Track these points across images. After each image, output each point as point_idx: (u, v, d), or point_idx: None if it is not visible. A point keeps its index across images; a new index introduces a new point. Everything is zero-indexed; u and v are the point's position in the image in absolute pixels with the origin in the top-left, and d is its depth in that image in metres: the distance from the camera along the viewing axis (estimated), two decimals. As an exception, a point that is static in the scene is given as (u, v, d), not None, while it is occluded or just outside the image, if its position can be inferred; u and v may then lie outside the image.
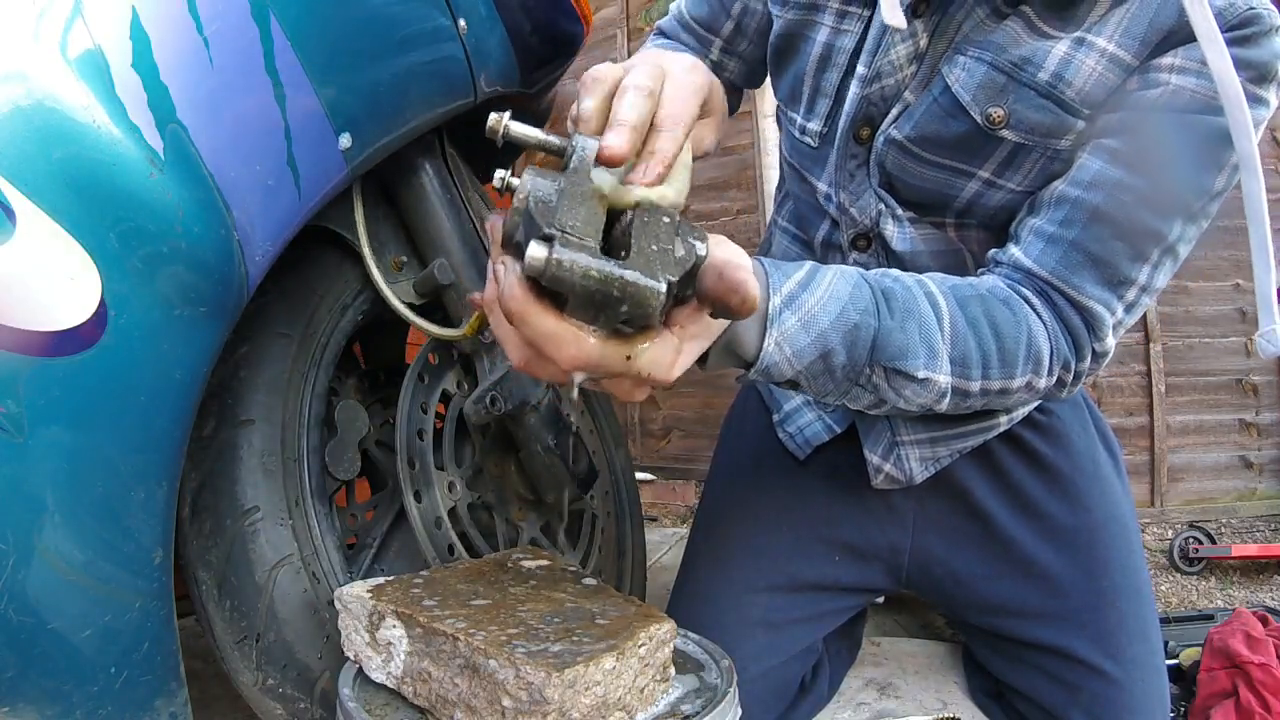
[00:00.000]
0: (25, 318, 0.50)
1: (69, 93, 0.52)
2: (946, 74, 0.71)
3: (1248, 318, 2.58)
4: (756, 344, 0.57)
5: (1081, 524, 0.88)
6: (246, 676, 0.72)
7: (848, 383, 0.62)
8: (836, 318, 0.59)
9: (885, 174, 0.78)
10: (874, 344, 0.60)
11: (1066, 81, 0.68)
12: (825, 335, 0.58)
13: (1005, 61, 0.69)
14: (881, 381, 0.62)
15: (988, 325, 0.64)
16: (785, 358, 0.58)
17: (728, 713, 0.55)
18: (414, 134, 0.80)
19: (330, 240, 0.85)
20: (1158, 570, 2.26)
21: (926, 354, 0.61)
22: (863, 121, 0.77)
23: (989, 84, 0.70)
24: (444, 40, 0.82)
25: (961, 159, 0.73)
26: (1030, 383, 0.66)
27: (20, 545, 0.51)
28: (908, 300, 0.62)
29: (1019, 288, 0.68)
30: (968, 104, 0.70)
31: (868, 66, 0.75)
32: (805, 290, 0.58)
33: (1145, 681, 0.84)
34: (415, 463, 0.87)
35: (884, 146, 0.76)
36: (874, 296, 0.61)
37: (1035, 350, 0.65)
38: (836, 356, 0.59)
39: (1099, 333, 0.68)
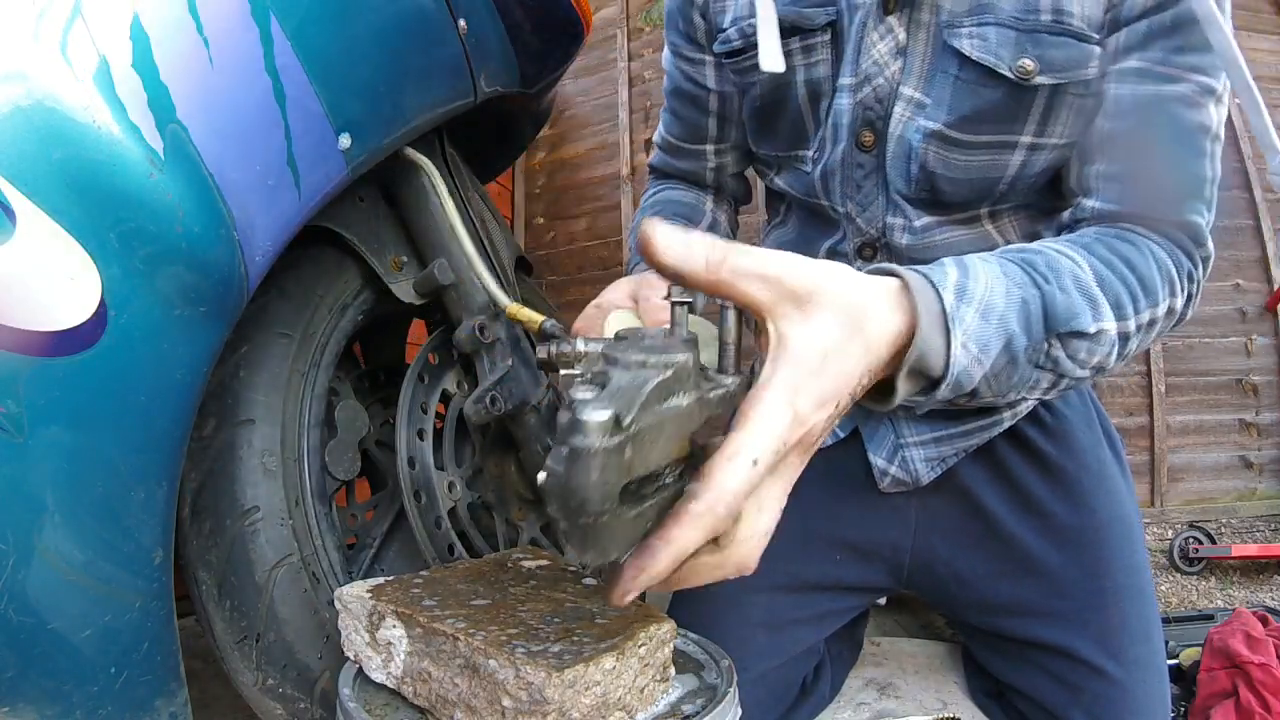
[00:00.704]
0: (25, 318, 0.50)
1: (69, 93, 0.52)
2: (959, 47, 0.71)
3: (1248, 318, 2.58)
4: (944, 351, 0.51)
5: (1085, 524, 0.87)
6: (246, 676, 0.72)
7: (1029, 366, 0.58)
8: (1007, 295, 0.55)
9: (928, 175, 0.76)
10: (1046, 313, 0.57)
11: (1068, 13, 0.68)
12: (1005, 319, 0.55)
13: (1007, 17, 0.69)
14: (1060, 353, 0.59)
15: (1121, 262, 0.63)
16: (973, 358, 0.53)
17: (728, 713, 0.55)
18: (414, 134, 0.81)
19: (330, 240, 0.85)
20: (1158, 570, 2.26)
21: (1090, 307, 0.59)
22: (863, 127, 0.77)
23: (1005, 41, 0.70)
24: (444, 40, 0.82)
25: (1004, 129, 0.73)
26: (1170, 306, 0.66)
27: (20, 545, 0.51)
28: (1051, 262, 0.59)
29: (1119, 226, 0.68)
30: (995, 65, 0.70)
31: (853, 75, 0.76)
32: (968, 277, 0.54)
33: (1147, 683, 0.83)
34: (415, 463, 0.87)
35: (922, 144, 0.75)
36: (1024, 270, 0.58)
37: (1167, 272, 0.65)
38: (1018, 340, 0.56)
39: (1200, 238, 0.68)
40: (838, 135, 0.79)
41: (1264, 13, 2.79)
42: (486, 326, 0.91)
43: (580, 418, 0.33)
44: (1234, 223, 2.58)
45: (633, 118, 3.06)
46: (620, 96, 3.06)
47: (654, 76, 3.01)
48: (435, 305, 0.93)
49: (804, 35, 0.77)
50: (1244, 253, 2.60)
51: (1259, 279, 2.59)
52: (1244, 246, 2.59)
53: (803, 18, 0.77)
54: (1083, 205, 0.71)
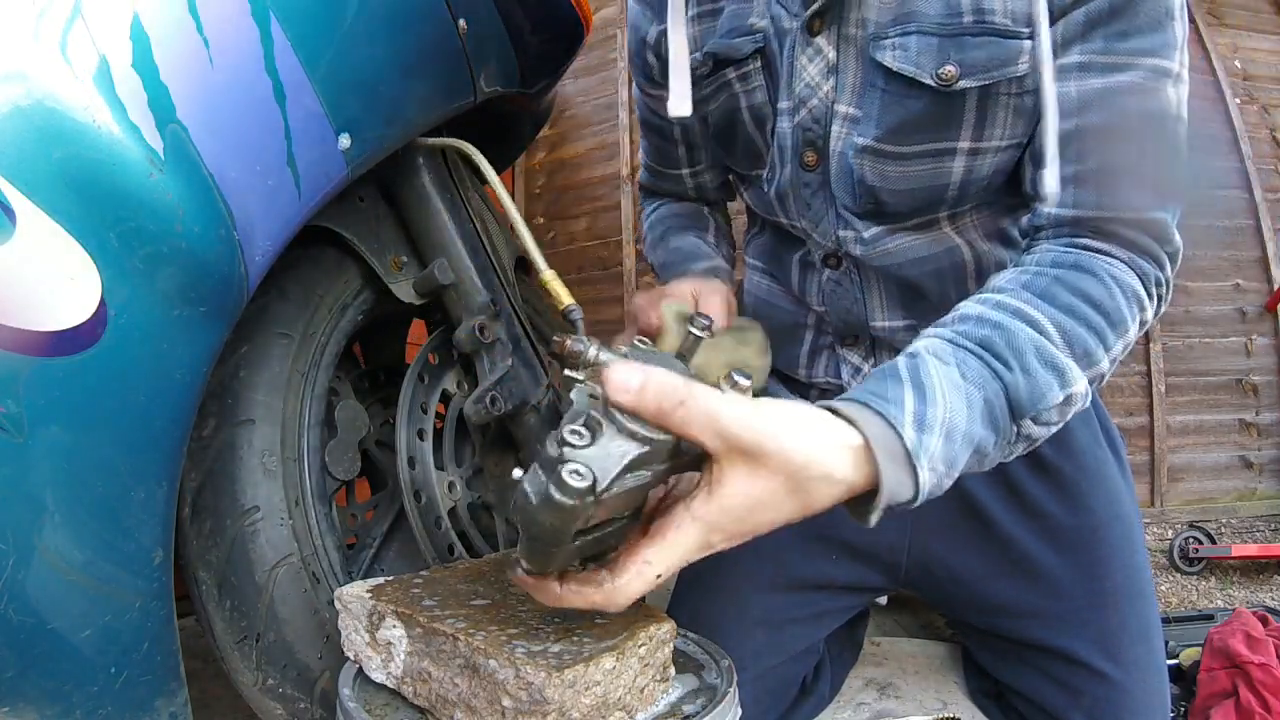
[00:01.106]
0: (25, 318, 0.50)
1: (69, 93, 0.52)
2: (881, 59, 0.70)
3: (1247, 318, 2.58)
4: (913, 486, 0.52)
5: (1083, 524, 0.87)
6: (246, 676, 0.72)
7: (1000, 453, 0.59)
8: (969, 409, 0.54)
9: (868, 189, 0.76)
10: (1011, 405, 0.56)
11: (989, 10, 0.67)
12: (969, 434, 0.54)
13: (929, 24, 0.68)
14: (1031, 429, 0.58)
15: (1082, 303, 0.61)
16: (942, 475, 0.53)
17: (727, 713, 0.55)
18: (414, 134, 0.81)
19: (330, 240, 0.85)
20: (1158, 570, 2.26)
21: (1057, 379, 0.58)
22: (805, 147, 0.78)
23: (926, 49, 0.68)
24: (444, 40, 0.82)
25: (936, 136, 0.72)
26: (1141, 320, 0.65)
27: (20, 545, 0.51)
28: (1010, 338, 0.58)
29: (1077, 240, 0.66)
30: (916, 74, 0.69)
31: (789, 98, 0.77)
32: (927, 404, 0.53)
33: (1146, 683, 0.83)
34: (415, 463, 0.87)
35: (856, 159, 0.75)
36: (982, 361, 0.57)
37: (1131, 293, 0.63)
38: (986, 442, 0.56)
39: (1165, 235, 0.65)
40: (783, 157, 0.81)
41: (1264, 13, 2.79)
42: (486, 326, 0.91)
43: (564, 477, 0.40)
44: (1234, 223, 2.58)
45: (633, 118, 3.05)
46: (620, 96, 3.06)
47: (654, 76, 3.01)
48: (435, 305, 0.93)
49: (737, 65, 0.80)
50: (1244, 253, 2.59)
51: (1259, 279, 2.59)
52: (1244, 246, 2.59)
53: (731, 48, 0.79)
54: (1039, 211, 0.68)
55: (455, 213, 0.92)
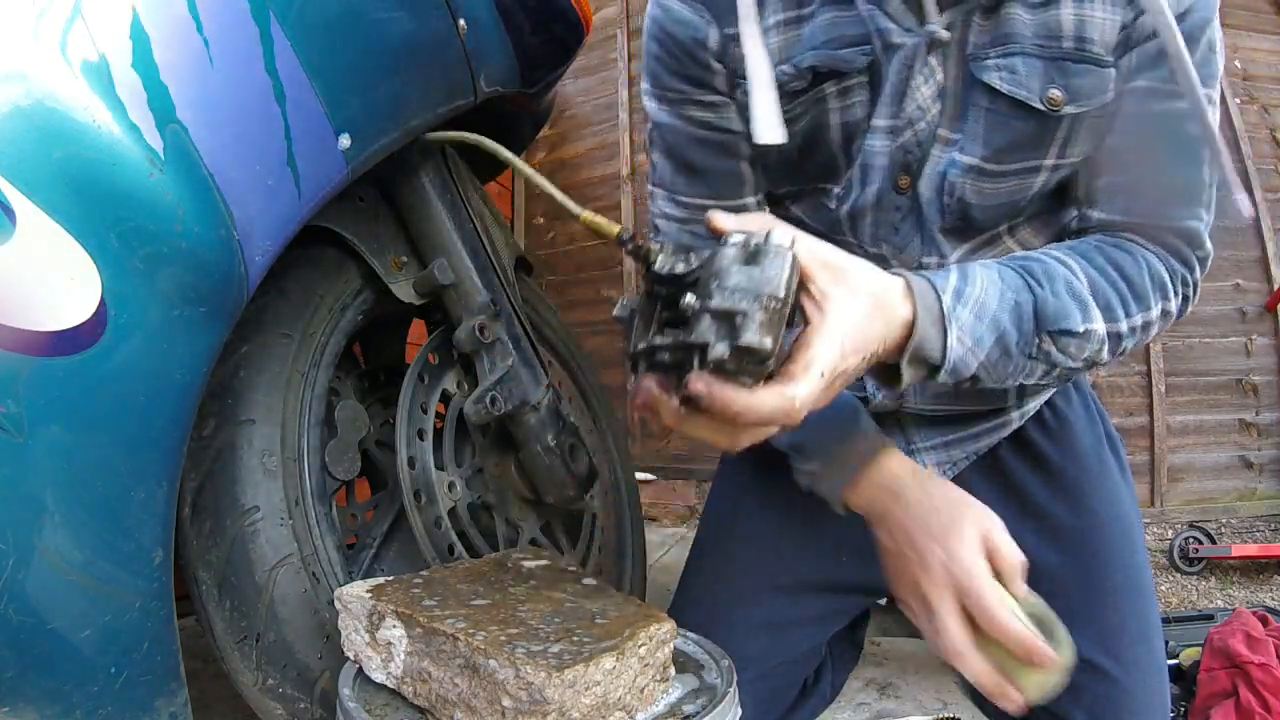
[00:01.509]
0: (25, 318, 0.50)
1: (69, 93, 0.52)
2: (986, 79, 0.71)
3: (1247, 318, 2.58)
4: (940, 344, 0.62)
5: (1085, 524, 0.87)
6: (246, 676, 0.72)
7: (1023, 358, 0.67)
8: (1000, 299, 0.64)
9: (964, 206, 0.76)
10: (1036, 314, 0.65)
11: (1089, 39, 0.69)
12: (997, 319, 0.64)
13: (1032, 46, 0.69)
14: (1051, 348, 0.67)
15: (1114, 269, 0.69)
16: (968, 350, 0.63)
17: (728, 713, 0.55)
18: (414, 134, 0.81)
19: (330, 240, 0.85)
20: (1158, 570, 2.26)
21: (1080, 309, 0.66)
22: (900, 171, 0.76)
23: (1033, 72, 0.70)
24: (444, 41, 0.82)
25: (1032, 155, 0.74)
26: (1164, 309, 0.72)
27: (20, 545, 0.51)
28: (1047, 268, 0.67)
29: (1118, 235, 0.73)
30: (1026, 98, 0.70)
31: (894, 118, 0.74)
32: (966, 283, 0.64)
33: (1146, 682, 0.83)
34: (415, 463, 0.87)
35: (958, 178, 0.75)
36: (1019, 274, 0.66)
37: (1159, 279, 0.71)
38: (1009, 336, 0.65)
39: (1197, 242, 0.72)
40: (868, 177, 0.76)
41: (1264, 13, 2.79)
42: (486, 326, 0.91)
43: None
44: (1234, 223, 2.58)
45: (633, 118, 3.06)
46: (620, 96, 3.07)
47: (654, 76, 3.00)
48: (435, 305, 0.93)
49: (840, 79, 0.74)
50: (1244, 253, 2.60)
51: (1259, 279, 2.59)
52: (1244, 246, 2.59)
53: (841, 61, 0.73)
54: (1087, 215, 0.75)
55: (455, 213, 0.92)
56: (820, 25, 0.73)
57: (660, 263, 0.51)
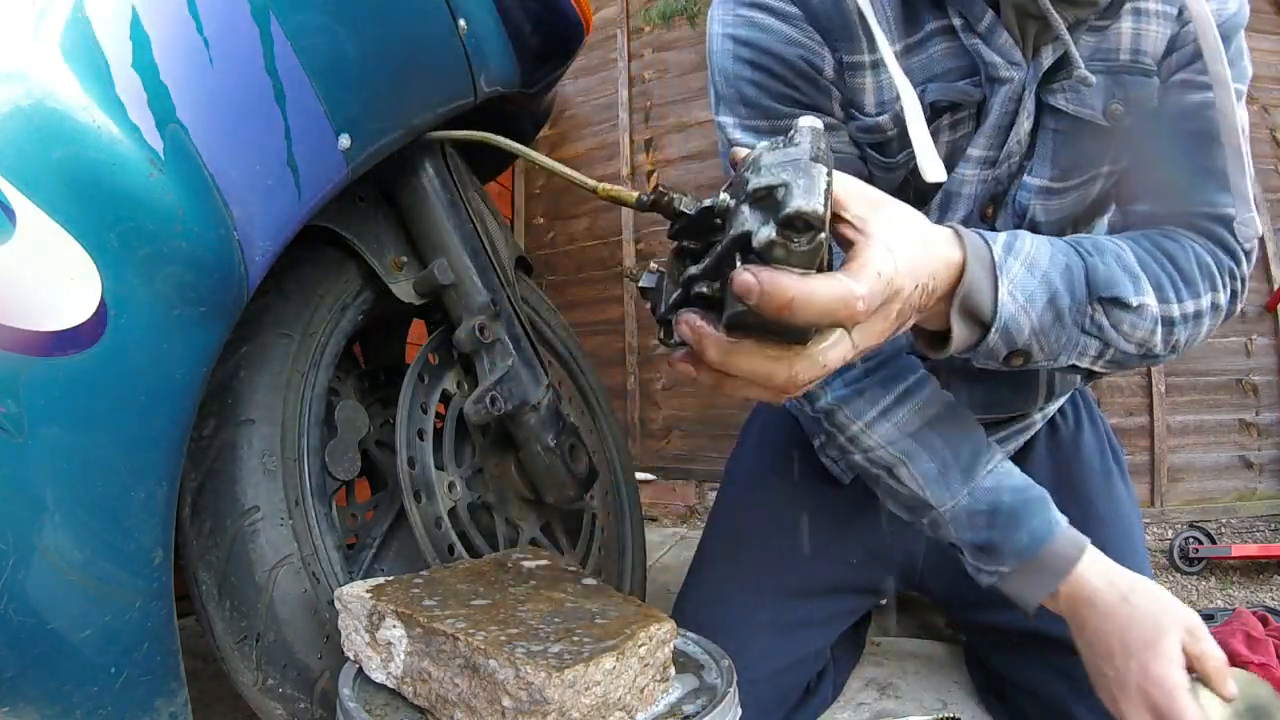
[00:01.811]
0: (25, 318, 0.50)
1: (69, 93, 0.52)
2: (1054, 103, 0.73)
3: (1248, 318, 2.58)
4: (991, 294, 0.59)
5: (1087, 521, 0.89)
6: (246, 676, 0.72)
7: (1075, 329, 0.64)
8: (1051, 258, 0.62)
9: (1032, 226, 0.77)
10: (1088, 279, 0.63)
11: (1143, 52, 0.72)
12: (1049, 276, 0.62)
13: (1093, 64, 0.71)
14: (1104, 319, 0.65)
15: (1161, 253, 0.69)
16: (1020, 306, 0.60)
17: (728, 713, 0.55)
18: (414, 134, 0.81)
19: (330, 240, 0.85)
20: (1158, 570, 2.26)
21: (1131, 281, 0.65)
22: (987, 202, 0.77)
23: (1096, 90, 0.72)
24: (444, 40, 0.82)
25: (1092, 167, 0.76)
26: (1214, 301, 0.71)
27: (20, 545, 0.51)
28: (1096, 242, 0.66)
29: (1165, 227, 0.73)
30: (1092, 116, 0.73)
31: (991, 149, 0.74)
32: (1016, 239, 0.62)
33: None
34: (415, 463, 0.87)
35: (1028, 199, 0.76)
36: (1067, 243, 0.65)
37: (1206, 267, 0.70)
38: (1062, 299, 0.62)
39: (1240, 232, 0.72)
40: (952, 204, 0.77)
41: (1264, 13, 2.79)
42: (486, 326, 0.91)
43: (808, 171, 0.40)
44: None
45: (633, 118, 3.05)
46: (620, 96, 3.06)
47: (654, 76, 3.01)
48: (435, 305, 0.93)
49: (955, 111, 0.74)
50: (1244, 253, 2.60)
51: (1259, 279, 2.59)
52: (1244, 246, 2.59)
53: (960, 94, 0.73)
54: (1131, 210, 0.76)
55: (455, 213, 0.92)
56: (934, 56, 0.72)
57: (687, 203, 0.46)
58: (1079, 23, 0.69)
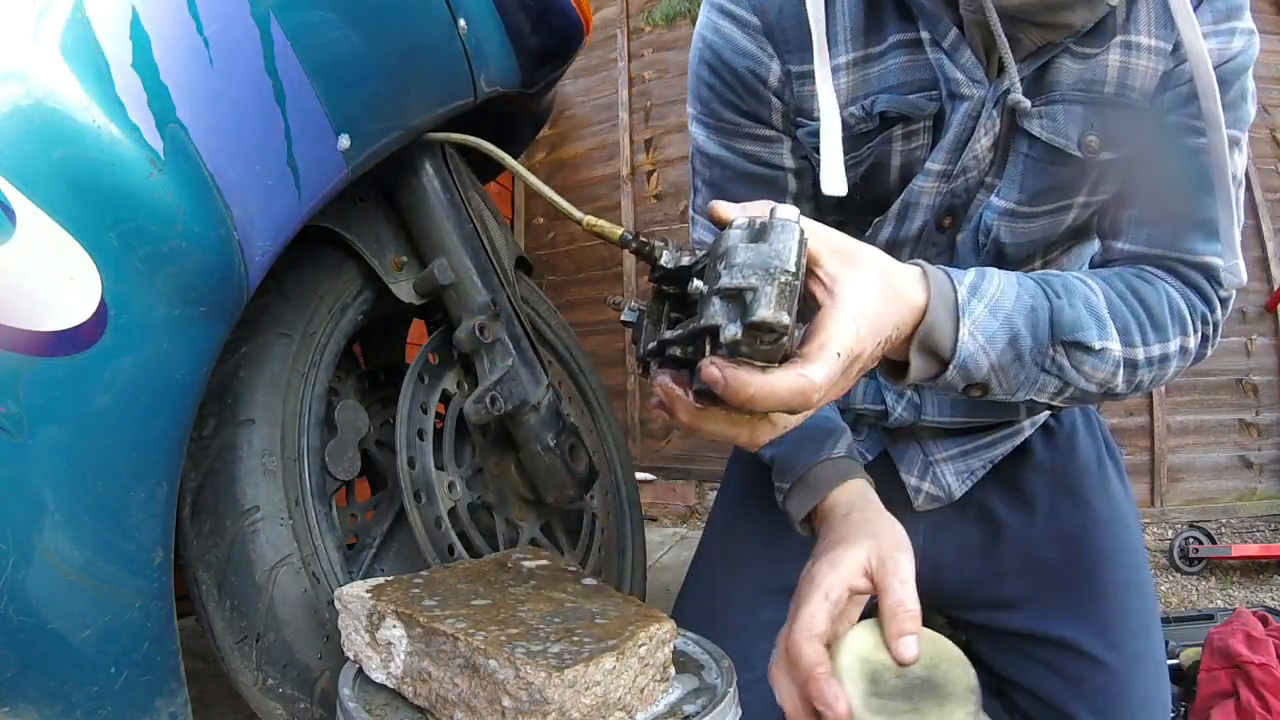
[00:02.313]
0: (25, 318, 0.50)
1: (69, 93, 0.52)
2: (1028, 128, 0.72)
3: (1248, 318, 2.58)
4: (952, 334, 0.60)
5: (1085, 520, 0.90)
6: (246, 676, 0.72)
7: (1035, 368, 0.65)
8: (1016, 301, 0.63)
9: (998, 246, 0.79)
10: (1052, 322, 0.64)
11: (1130, 86, 0.71)
12: (1011, 319, 0.62)
13: (1074, 94, 0.71)
14: (1064, 360, 0.65)
15: (1133, 296, 0.69)
16: (980, 346, 0.61)
17: (728, 713, 0.55)
18: (414, 134, 0.81)
19: (330, 240, 0.85)
20: (1158, 570, 2.26)
21: (1097, 325, 0.65)
22: (944, 213, 0.78)
23: (1073, 119, 0.71)
24: (444, 40, 0.82)
25: (1064, 196, 0.76)
26: (1183, 345, 0.71)
27: (20, 545, 0.51)
28: (1067, 283, 0.66)
29: (1140, 267, 0.73)
30: (1065, 145, 0.72)
31: (950, 164, 0.75)
32: (983, 280, 0.62)
33: (1146, 676, 0.84)
34: (415, 463, 0.87)
35: (993, 220, 0.77)
36: (1038, 284, 0.65)
37: (1178, 312, 0.70)
38: (1023, 340, 0.63)
39: (1218, 279, 0.73)
40: (910, 214, 0.78)
41: (1264, 13, 2.79)
42: (486, 326, 0.91)
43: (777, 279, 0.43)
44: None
45: (633, 118, 3.06)
46: (620, 96, 3.07)
47: (654, 76, 3.01)
48: (435, 305, 0.93)
49: (907, 123, 0.74)
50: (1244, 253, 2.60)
51: (1259, 279, 2.59)
52: (1244, 246, 2.59)
53: (911, 107, 0.74)
54: (1112, 247, 0.76)
55: (455, 213, 0.92)
56: (892, 68, 0.73)
57: (666, 258, 0.50)
58: (1050, 45, 0.69)
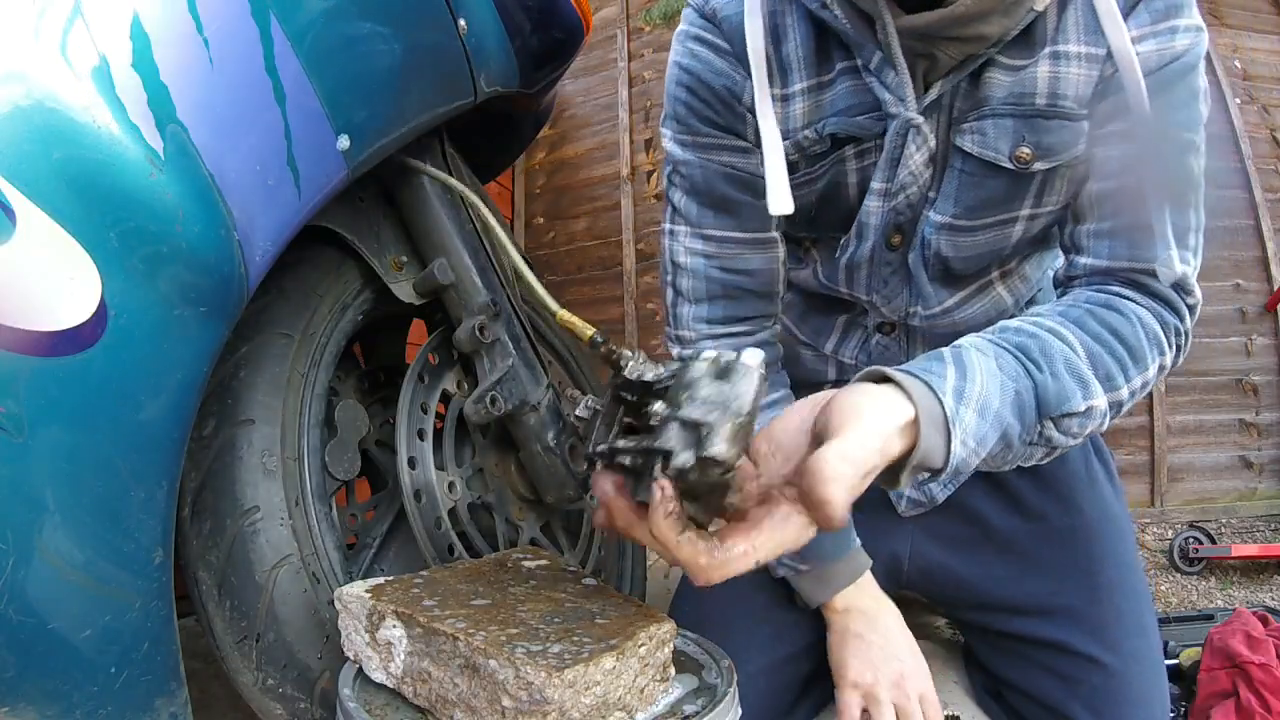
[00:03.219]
0: (25, 318, 0.50)
1: (69, 93, 0.52)
2: (961, 144, 0.75)
3: (1248, 318, 2.58)
4: (944, 449, 0.57)
5: (1076, 524, 0.90)
6: (246, 676, 0.72)
7: (1023, 446, 0.64)
8: (1002, 392, 0.61)
9: (941, 260, 0.81)
10: (1038, 402, 0.63)
11: (1062, 95, 0.71)
12: (1000, 415, 0.60)
13: (1004, 107, 0.72)
14: (1053, 432, 0.64)
15: (1110, 335, 0.68)
16: (971, 451, 0.59)
17: (728, 713, 0.55)
18: (414, 134, 0.81)
19: (330, 240, 0.85)
20: (1158, 570, 2.26)
21: (1081, 388, 0.64)
22: (892, 230, 0.81)
23: (1003, 133, 0.73)
24: (444, 40, 0.82)
25: (1004, 209, 0.77)
26: (1160, 365, 0.71)
27: (20, 545, 0.51)
28: (1044, 346, 0.65)
29: (1108, 287, 0.72)
30: (995, 159, 0.74)
31: (888, 182, 0.78)
32: (965, 380, 0.60)
33: (1144, 675, 0.84)
34: (415, 463, 0.87)
35: (932, 234, 0.79)
36: (1017, 359, 0.63)
37: (1154, 336, 0.70)
38: (1013, 430, 0.62)
39: (1187, 286, 0.72)
40: (863, 234, 0.81)
41: (1264, 13, 2.79)
42: (486, 326, 0.91)
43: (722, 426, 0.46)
44: (1234, 223, 2.59)
45: (633, 118, 3.06)
46: (620, 96, 3.07)
47: (654, 76, 3.01)
48: (435, 305, 0.93)
49: (858, 143, 0.78)
50: (1244, 253, 2.60)
51: (1259, 279, 2.59)
52: (1244, 246, 2.59)
53: (857, 128, 0.77)
54: (1075, 262, 0.75)
55: (455, 213, 0.92)
56: (840, 93, 0.77)
57: (631, 368, 0.53)
58: (972, 58, 0.71)
